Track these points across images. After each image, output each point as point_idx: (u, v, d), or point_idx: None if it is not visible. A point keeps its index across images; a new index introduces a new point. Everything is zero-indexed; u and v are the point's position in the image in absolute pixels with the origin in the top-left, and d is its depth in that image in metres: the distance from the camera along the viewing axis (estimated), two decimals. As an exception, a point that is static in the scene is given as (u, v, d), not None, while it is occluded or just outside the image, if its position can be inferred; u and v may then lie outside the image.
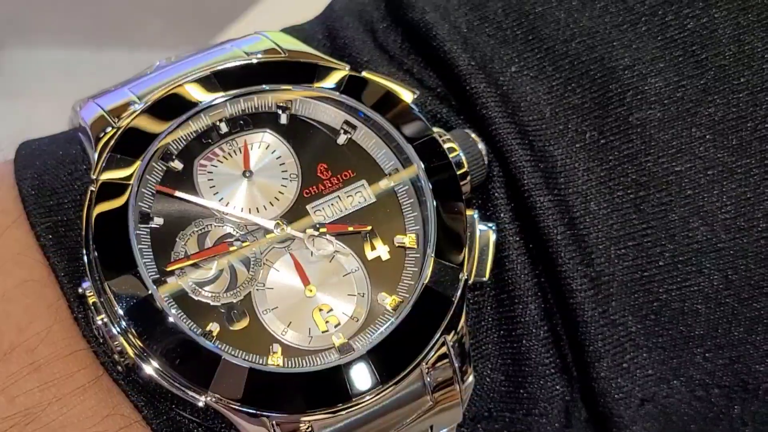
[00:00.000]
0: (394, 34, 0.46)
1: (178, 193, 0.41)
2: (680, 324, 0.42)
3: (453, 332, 0.40)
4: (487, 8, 0.45)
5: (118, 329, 0.38)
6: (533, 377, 0.43)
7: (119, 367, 0.39)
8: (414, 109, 0.42)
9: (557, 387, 0.43)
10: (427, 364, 0.39)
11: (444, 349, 0.39)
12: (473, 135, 0.43)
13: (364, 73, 0.43)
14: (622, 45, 0.43)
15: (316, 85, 0.43)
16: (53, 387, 0.38)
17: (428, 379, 0.39)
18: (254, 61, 0.43)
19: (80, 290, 0.39)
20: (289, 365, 0.38)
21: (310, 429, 0.38)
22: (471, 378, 0.41)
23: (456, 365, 0.40)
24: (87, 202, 0.39)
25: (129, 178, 0.39)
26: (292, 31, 0.48)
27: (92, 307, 0.38)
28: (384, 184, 0.42)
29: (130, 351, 0.38)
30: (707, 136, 0.42)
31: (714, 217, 0.41)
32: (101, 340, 0.39)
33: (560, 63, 0.44)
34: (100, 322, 0.38)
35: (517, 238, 0.43)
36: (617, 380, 0.42)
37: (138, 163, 0.40)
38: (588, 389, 0.43)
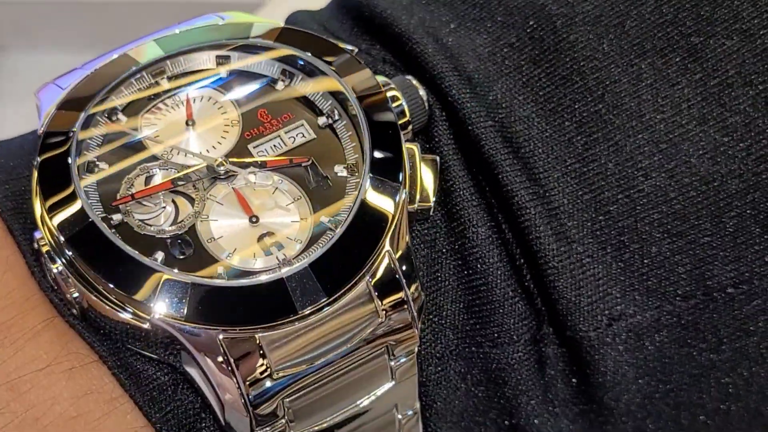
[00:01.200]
0: (343, 23, 0.49)
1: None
2: (634, 234, 0.42)
3: (401, 257, 0.40)
4: None
5: (68, 266, 0.38)
6: (493, 303, 0.43)
7: (74, 311, 0.39)
8: (351, 53, 0.44)
9: (521, 312, 0.43)
10: (373, 280, 0.39)
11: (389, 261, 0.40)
12: (414, 81, 0.44)
13: (302, 30, 0.45)
14: None
15: (252, 37, 0.44)
16: (5, 330, 0.39)
17: (377, 298, 0.39)
18: (194, 27, 0.45)
19: (34, 244, 0.40)
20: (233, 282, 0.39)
21: (259, 344, 0.38)
22: (422, 297, 0.41)
23: (405, 285, 0.40)
24: (37, 154, 0.41)
25: (71, 127, 0.41)
26: None
27: (45, 255, 0.39)
28: (322, 121, 0.44)
29: (81, 288, 0.38)
30: (636, 45, 0.43)
31: (652, 119, 0.42)
32: (55, 287, 0.40)
33: (495, 11, 0.45)
34: (54, 270, 0.39)
35: (462, 168, 0.44)
36: (579, 298, 0.42)
37: (81, 114, 0.41)
38: (553, 313, 0.43)
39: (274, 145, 0.43)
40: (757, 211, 0.42)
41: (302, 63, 0.44)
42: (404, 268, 0.40)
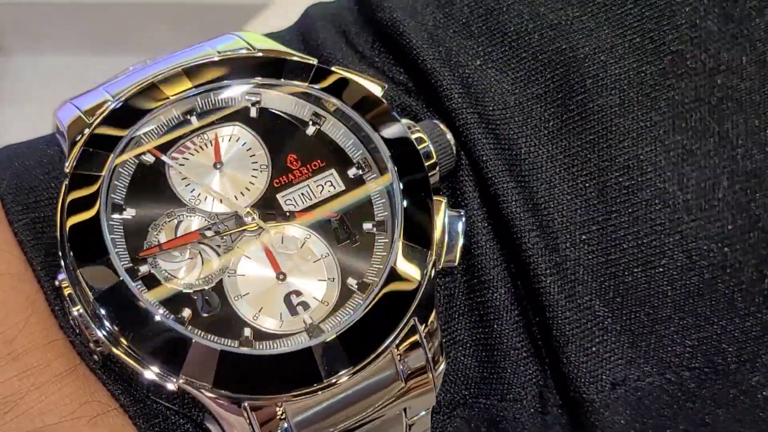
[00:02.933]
0: (365, 35, 0.47)
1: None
2: (647, 306, 0.43)
3: (424, 318, 0.40)
4: (453, 6, 0.46)
5: (92, 317, 0.38)
6: (505, 362, 0.43)
7: (95, 357, 0.39)
8: (382, 101, 0.43)
9: (530, 371, 0.44)
10: (398, 348, 0.40)
11: (416, 336, 0.40)
12: (441, 126, 0.44)
13: (333, 67, 0.44)
14: (583, 35, 0.44)
15: (285, 78, 0.43)
16: (31, 376, 0.39)
17: (400, 366, 0.40)
18: (226, 57, 0.44)
19: (56, 282, 0.40)
20: (261, 348, 0.39)
21: (283, 413, 0.38)
22: (443, 365, 0.42)
23: (427, 350, 0.40)
24: (61, 195, 0.40)
25: (101, 169, 0.40)
26: (269, 35, 0.50)
27: (68, 299, 0.39)
28: (352, 172, 0.43)
29: (104, 339, 0.38)
30: (667, 120, 0.43)
31: (675, 199, 0.42)
32: (77, 331, 0.40)
33: (523, 55, 0.45)
34: (75, 313, 0.39)
35: (485, 224, 0.44)
36: (586, 364, 0.43)
37: (110, 156, 0.41)
38: (559, 374, 0.43)
39: (302, 194, 0.42)
40: None
41: (335, 108, 0.43)
42: (427, 331, 0.40)
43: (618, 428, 0.44)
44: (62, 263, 0.39)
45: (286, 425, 0.38)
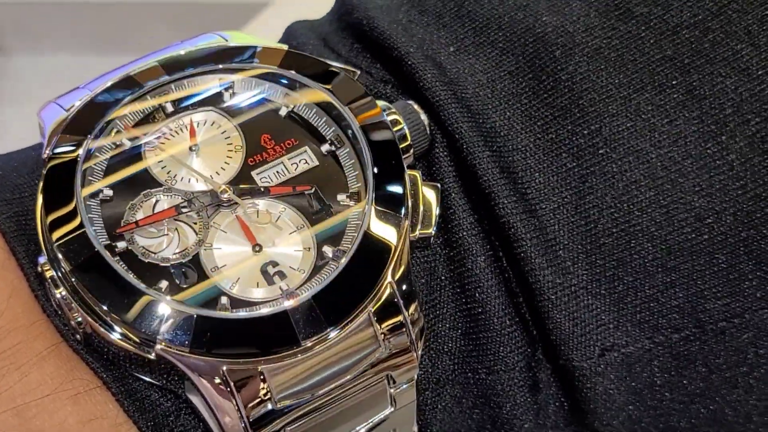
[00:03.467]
0: (344, 40, 0.49)
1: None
2: (629, 267, 0.43)
3: (402, 282, 0.41)
4: (426, 2, 0.48)
5: (72, 295, 0.39)
6: (491, 332, 0.43)
7: (77, 336, 0.40)
8: (355, 81, 0.44)
9: (516, 341, 0.43)
10: (376, 314, 0.40)
11: (394, 299, 0.40)
12: (415, 106, 0.45)
13: (305, 54, 0.46)
14: (551, 11, 0.45)
15: (256, 62, 0.45)
16: (11, 356, 0.39)
17: (378, 328, 0.40)
18: (200, 49, 0.45)
19: (38, 267, 0.40)
20: (237, 313, 0.39)
21: (261, 375, 0.38)
22: (422, 322, 0.42)
23: (405, 312, 0.40)
24: (41, 181, 0.41)
25: (76, 152, 0.41)
26: None
27: (50, 281, 0.39)
28: (325, 148, 0.44)
29: (85, 315, 0.39)
30: (634, 79, 0.43)
31: (648, 155, 0.43)
32: (59, 312, 0.40)
33: (494, 37, 0.46)
34: (58, 295, 0.39)
35: (461, 196, 0.44)
36: (573, 330, 0.42)
37: (86, 139, 0.42)
38: (547, 342, 0.43)
39: (277, 172, 0.43)
40: (750, 249, 0.42)
41: (305, 85, 0.44)
42: (404, 295, 0.41)
43: (612, 400, 0.44)
44: (43, 248, 0.40)
45: (266, 389, 0.38)
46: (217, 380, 0.38)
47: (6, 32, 1.07)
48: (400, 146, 0.43)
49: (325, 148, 0.44)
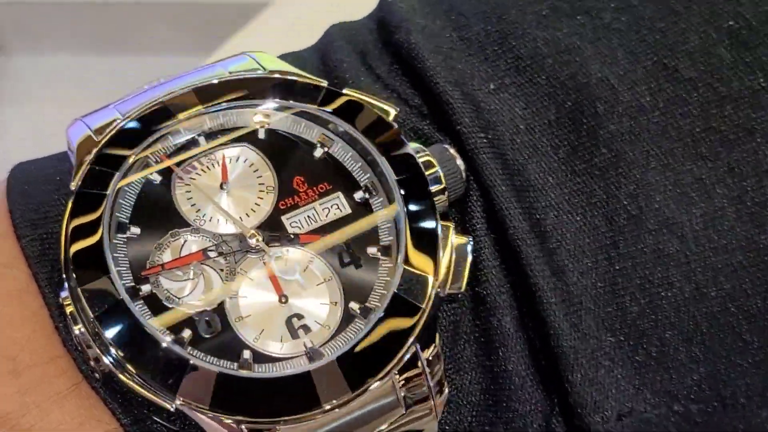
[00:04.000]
0: (383, 56, 0.47)
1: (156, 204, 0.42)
2: (654, 337, 0.42)
3: (427, 345, 0.40)
4: (470, 30, 0.46)
5: (92, 336, 0.38)
6: (511, 390, 0.43)
7: (96, 375, 0.39)
8: (392, 125, 0.43)
9: (535, 400, 0.43)
10: (400, 375, 0.39)
11: (418, 363, 0.40)
12: (451, 150, 0.44)
13: (345, 90, 0.44)
14: (597, 60, 0.44)
15: (294, 100, 0.43)
16: (32, 393, 0.39)
17: (402, 392, 0.39)
18: (233, 77, 0.44)
19: (60, 300, 0.40)
20: (260, 371, 0.39)
21: None
22: (446, 392, 0.41)
23: (429, 377, 0.40)
24: (66, 213, 0.40)
25: (106, 188, 0.40)
26: (291, 60, 0.50)
27: (70, 317, 0.39)
28: (359, 196, 0.43)
29: (104, 359, 0.38)
30: (677, 148, 0.42)
31: (683, 229, 0.42)
32: (79, 349, 0.40)
33: (536, 79, 0.44)
34: (77, 332, 0.39)
35: (493, 251, 0.43)
36: (591, 394, 0.42)
37: (116, 174, 0.41)
38: (566, 403, 0.43)
39: (308, 217, 0.42)
40: None
41: (342, 131, 0.43)
42: (429, 358, 0.40)
43: None
44: (65, 281, 0.39)
45: None
46: None
47: (6, 32, 1.05)
48: (434, 189, 0.42)
49: (358, 195, 0.43)
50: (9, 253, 0.42)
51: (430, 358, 0.40)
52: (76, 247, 0.39)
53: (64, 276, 0.40)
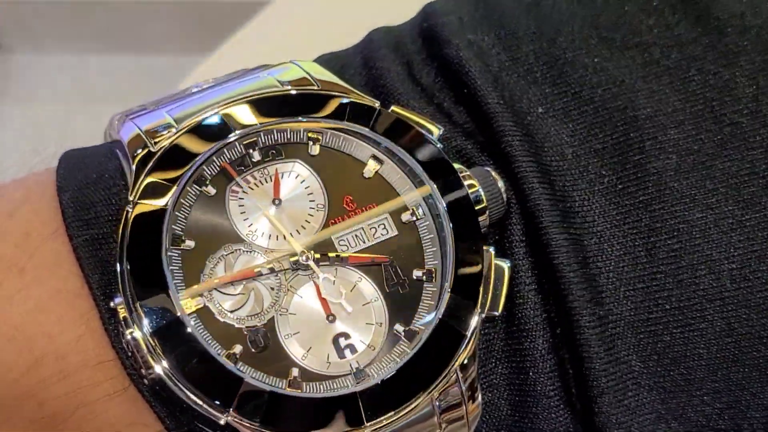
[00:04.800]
0: (428, 68, 0.48)
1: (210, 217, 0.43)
2: (682, 366, 0.44)
3: (465, 369, 0.42)
4: (519, 50, 0.47)
5: (147, 346, 0.40)
6: (538, 408, 0.45)
7: (145, 381, 0.41)
8: (438, 146, 0.44)
9: (561, 419, 0.45)
10: (437, 395, 0.41)
11: (455, 382, 0.41)
12: (494, 173, 0.45)
13: (393, 108, 0.45)
14: (645, 95, 0.45)
15: (347, 120, 0.44)
16: (80, 394, 0.40)
17: (437, 403, 0.41)
18: (290, 92, 0.45)
19: (112, 304, 0.41)
20: (307, 390, 0.40)
21: None
22: (479, 408, 0.43)
23: (465, 397, 0.42)
24: (123, 222, 0.41)
25: (164, 201, 0.41)
26: (329, 58, 0.50)
27: (123, 322, 0.40)
28: (406, 218, 0.44)
29: (156, 366, 0.40)
30: (720, 189, 0.44)
31: (720, 267, 0.43)
32: (129, 353, 0.41)
33: (585, 108, 0.45)
34: (129, 337, 0.40)
35: (530, 274, 0.45)
36: (617, 416, 0.44)
37: (174, 188, 0.42)
38: (590, 424, 0.45)
39: (356, 236, 0.43)
40: None
41: (393, 151, 0.44)
42: (468, 383, 0.42)
43: None
44: (120, 289, 0.41)
45: None
46: None
47: (7, 31, 1.04)
48: (476, 208, 0.44)
49: (405, 217, 0.44)
50: (59, 252, 0.42)
51: (466, 379, 0.42)
52: (133, 261, 0.40)
53: (119, 284, 0.41)
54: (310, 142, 0.45)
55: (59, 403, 0.40)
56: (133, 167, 0.43)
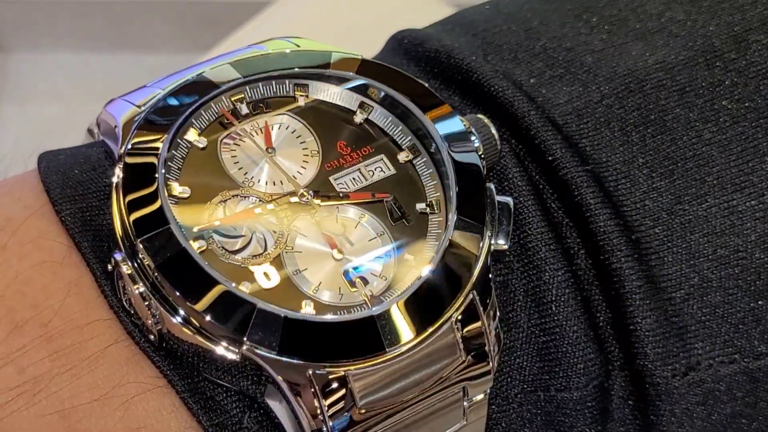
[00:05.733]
0: (408, 68, 0.49)
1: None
2: (719, 287, 0.43)
3: (483, 297, 0.40)
4: (500, 40, 0.48)
5: (152, 292, 0.38)
6: (565, 347, 0.43)
7: (152, 336, 0.39)
8: (428, 89, 0.44)
9: (591, 359, 0.43)
10: (458, 323, 0.39)
11: (475, 311, 0.40)
12: (486, 120, 0.45)
13: (379, 61, 0.45)
14: (636, 54, 0.46)
15: (332, 67, 0.44)
16: (63, 357, 0.38)
17: (460, 338, 0.39)
18: (270, 51, 0.45)
19: (109, 266, 0.39)
20: (323, 317, 0.39)
21: (345, 378, 0.38)
22: (500, 333, 0.42)
23: (486, 324, 0.40)
24: (116, 176, 0.40)
25: (156, 150, 0.40)
26: None
27: (127, 277, 0.38)
28: (402, 157, 0.44)
29: (165, 313, 0.38)
30: (725, 116, 0.44)
31: (740, 182, 0.43)
32: (131, 312, 0.39)
33: (575, 72, 0.46)
34: (136, 292, 0.38)
35: (538, 212, 0.44)
36: (662, 341, 0.42)
37: (164, 137, 0.41)
38: (627, 357, 0.43)
39: (354, 178, 0.43)
40: None
41: (383, 95, 0.44)
42: (484, 307, 0.40)
43: (689, 423, 0.43)
44: (120, 245, 0.39)
45: (349, 394, 0.38)
46: (303, 383, 0.37)
47: (6, 30, 1.05)
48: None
49: (401, 156, 0.44)
50: (46, 228, 0.41)
51: (486, 310, 0.41)
52: (131, 205, 0.39)
53: (118, 237, 0.39)
54: (297, 95, 0.44)
55: (40, 367, 0.37)
56: (120, 129, 0.42)
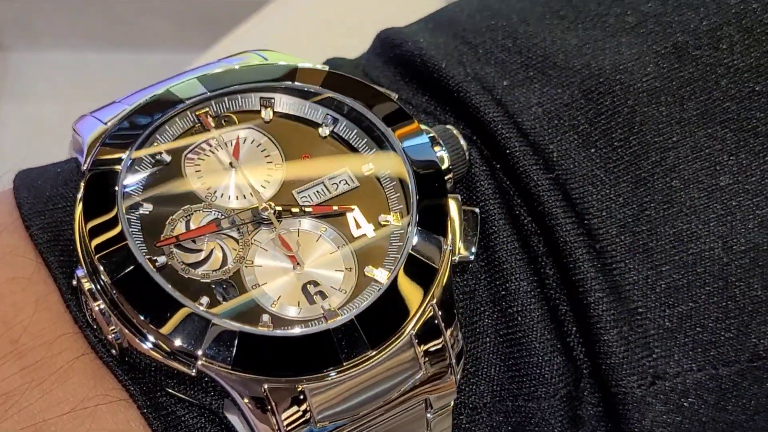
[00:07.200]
0: (385, 70, 0.49)
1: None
2: (685, 294, 0.43)
3: (444, 308, 0.40)
4: (476, 40, 0.48)
5: (111, 308, 0.38)
6: (532, 357, 0.43)
7: (113, 351, 0.39)
8: (394, 98, 0.44)
9: (558, 368, 0.43)
10: (418, 337, 0.39)
11: (435, 323, 0.40)
12: (455, 131, 0.45)
13: (348, 74, 0.45)
14: (605, 53, 0.45)
15: (298, 82, 0.44)
16: (33, 372, 0.38)
17: (420, 350, 0.39)
18: (236, 66, 0.45)
19: (74, 281, 0.40)
20: (279, 331, 0.39)
21: (302, 394, 0.38)
22: (461, 345, 0.41)
23: (446, 335, 0.40)
24: (80, 192, 0.40)
25: (117, 165, 0.41)
26: None
27: (87, 293, 0.39)
28: (367, 169, 0.44)
29: (123, 329, 0.38)
30: (695, 116, 0.44)
31: (708, 185, 0.43)
32: (94, 326, 0.39)
33: (549, 72, 0.46)
34: (96, 308, 0.38)
35: (505, 221, 0.44)
36: (627, 353, 0.42)
37: (127, 151, 0.41)
38: (594, 367, 0.43)
39: (318, 192, 0.43)
40: None
41: (348, 109, 0.44)
42: (445, 317, 0.40)
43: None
44: (81, 261, 0.39)
45: (306, 409, 0.38)
46: (258, 398, 0.37)
47: (5, 29, 1.06)
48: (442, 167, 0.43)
49: (366, 168, 0.44)
50: (17, 244, 0.41)
51: (446, 323, 0.40)
52: (91, 223, 0.39)
53: (79, 254, 0.40)
54: (263, 108, 0.44)
55: (10, 383, 0.38)
56: (86, 145, 0.42)
